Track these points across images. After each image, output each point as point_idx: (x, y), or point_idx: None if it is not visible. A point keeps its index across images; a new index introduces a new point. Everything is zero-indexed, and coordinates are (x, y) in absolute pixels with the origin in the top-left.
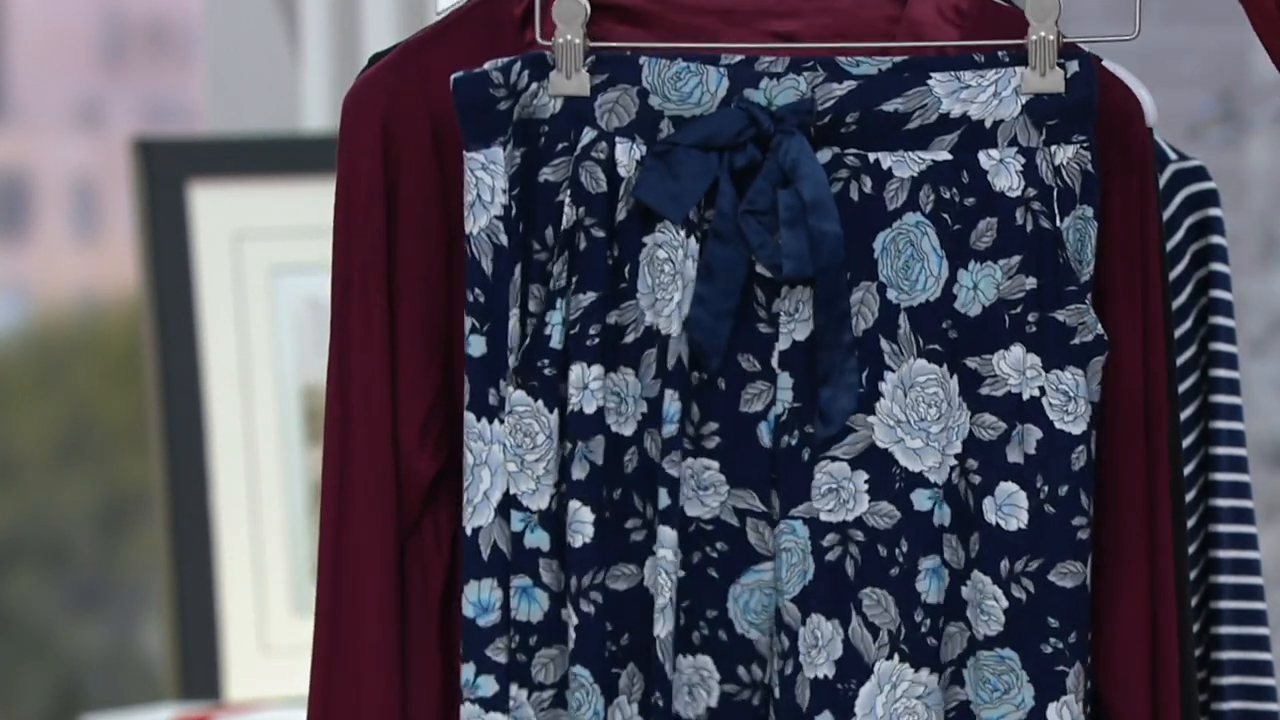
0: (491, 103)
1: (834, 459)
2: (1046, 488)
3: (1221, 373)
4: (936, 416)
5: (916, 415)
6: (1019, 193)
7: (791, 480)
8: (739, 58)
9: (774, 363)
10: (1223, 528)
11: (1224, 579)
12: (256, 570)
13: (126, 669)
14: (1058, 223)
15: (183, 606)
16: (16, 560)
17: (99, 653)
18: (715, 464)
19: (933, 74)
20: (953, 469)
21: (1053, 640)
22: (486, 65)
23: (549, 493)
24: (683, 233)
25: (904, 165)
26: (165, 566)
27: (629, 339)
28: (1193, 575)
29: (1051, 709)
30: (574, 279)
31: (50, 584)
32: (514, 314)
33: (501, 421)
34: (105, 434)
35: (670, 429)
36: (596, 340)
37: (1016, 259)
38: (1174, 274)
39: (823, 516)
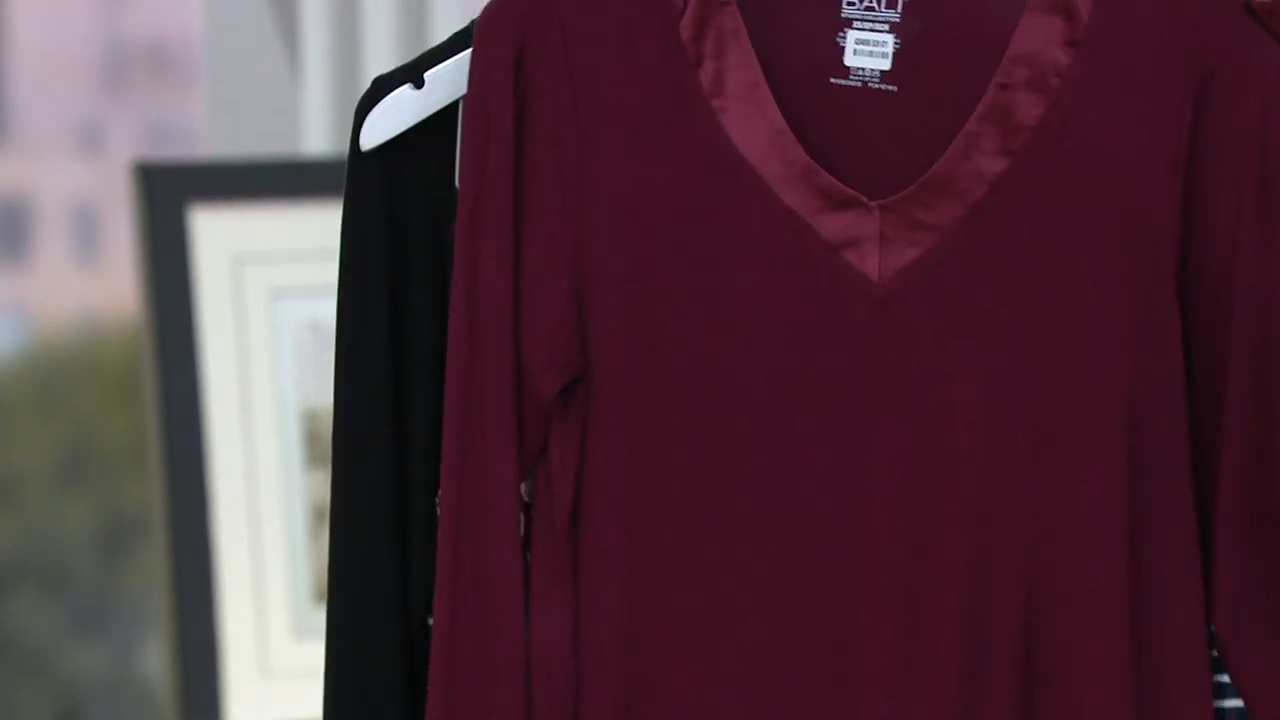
0: None
1: None
2: None
3: None
4: None
5: None
6: None
7: None
8: None
9: None
10: None
11: None
12: (257, 593)
13: (127, 692)
14: None
15: (183, 629)
16: (16, 582)
17: (99, 675)
18: None
19: None
20: None
21: None
22: None
23: None
24: None
25: None
26: (165, 589)
27: None
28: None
29: None
30: None
31: (50, 606)
32: None
33: None
34: (105, 457)
35: None
36: None
37: None
38: None
39: None
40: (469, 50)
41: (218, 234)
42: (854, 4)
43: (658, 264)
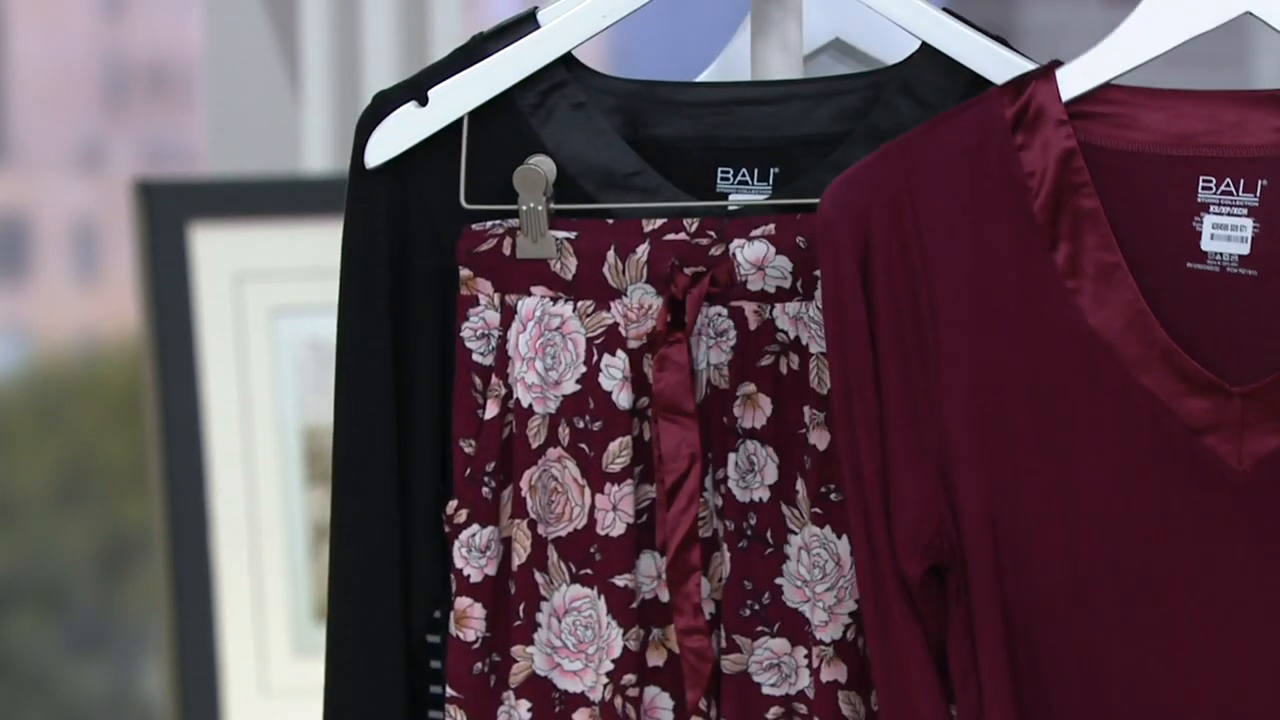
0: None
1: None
2: None
3: None
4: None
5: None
6: None
7: None
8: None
9: None
10: None
11: None
12: (257, 612)
13: (127, 712)
14: None
15: (183, 649)
16: (16, 602)
17: (99, 695)
18: None
19: None
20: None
21: None
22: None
23: None
24: None
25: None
26: (165, 608)
27: None
28: None
29: None
30: None
31: (50, 626)
32: None
33: None
34: (105, 476)
35: None
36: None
37: None
38: None
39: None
40: (473, 67)
41: (218, 252)
42: (1210, 188)
43: (1015, 446)
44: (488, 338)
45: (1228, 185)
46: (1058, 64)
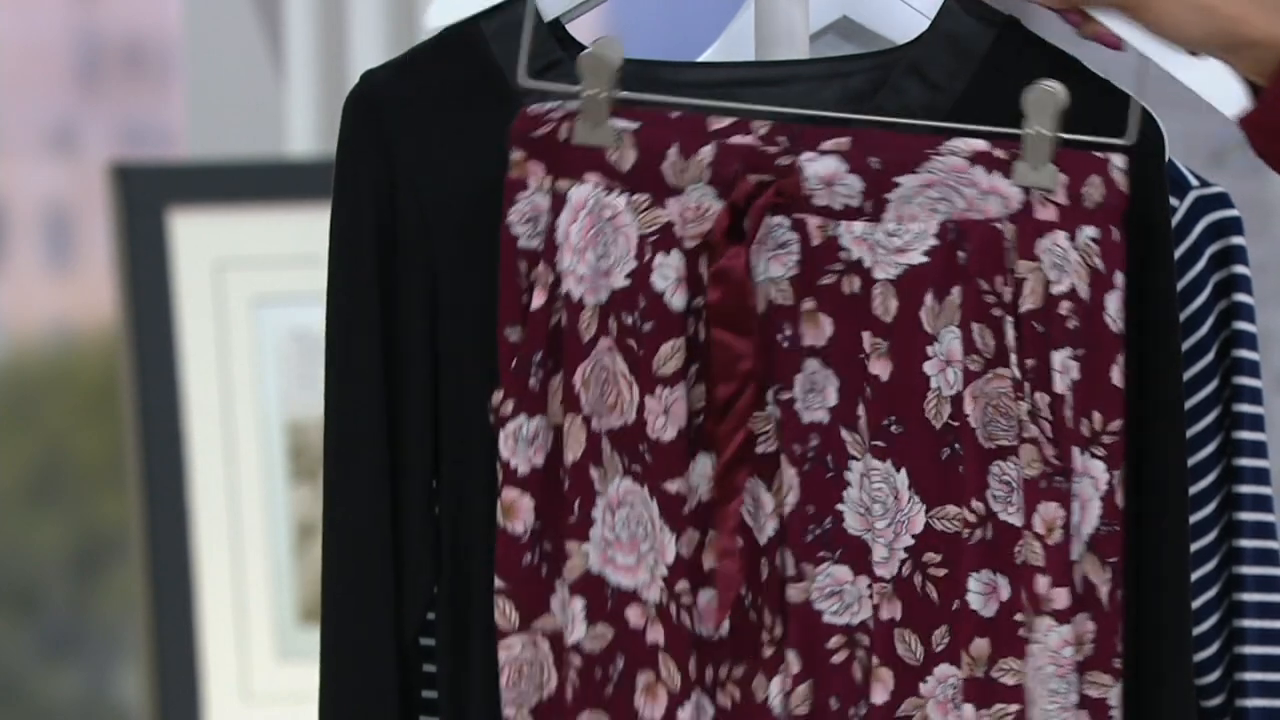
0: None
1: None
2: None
3: (1245, 408)
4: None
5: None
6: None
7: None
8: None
9: None
10: (1247, 570)
11: (1246, 596)
12: (239, 615)
13: (101, 718)
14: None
15: (161, 653)
16: None
17: (73, 703)
18: None
19: None
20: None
21: None
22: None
23: None
24: None
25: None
26: (143, 611)
27: None
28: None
29: None
30: None
31: (21, 630)
32: None
33: None
34: (80, 472)
35: None
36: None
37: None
38: (1194, 305)
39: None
40: None
41: (198, 238)
42: None
43: None
44: (535, 221)
45: None
46: None
